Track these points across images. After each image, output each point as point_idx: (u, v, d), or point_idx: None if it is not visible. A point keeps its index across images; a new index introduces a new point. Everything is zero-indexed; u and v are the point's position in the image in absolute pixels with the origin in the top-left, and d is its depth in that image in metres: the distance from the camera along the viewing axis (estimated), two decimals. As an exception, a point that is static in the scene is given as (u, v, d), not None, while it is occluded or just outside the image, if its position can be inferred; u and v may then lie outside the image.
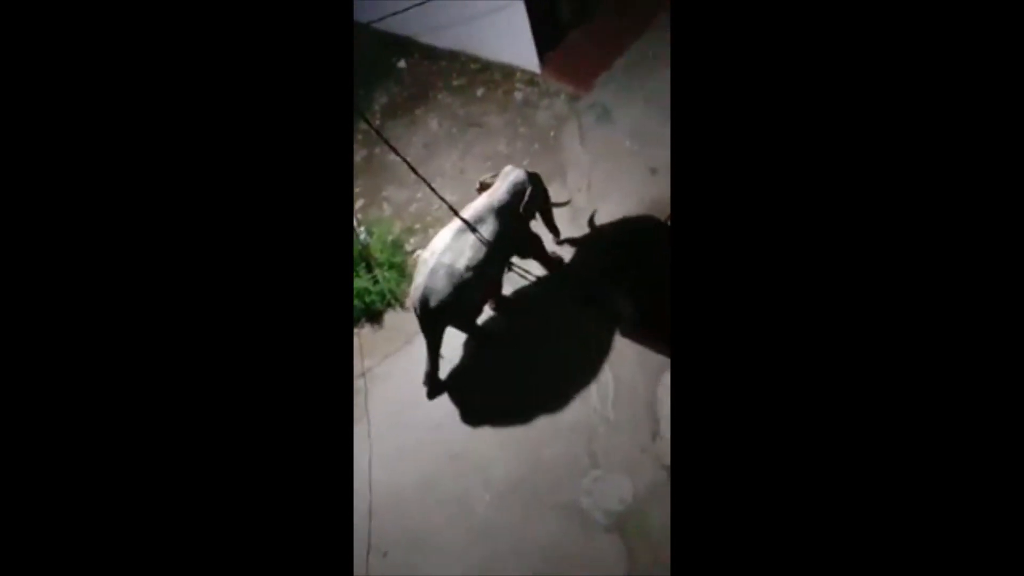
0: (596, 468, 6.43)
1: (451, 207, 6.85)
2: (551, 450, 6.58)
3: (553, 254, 7.41)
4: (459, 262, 6.65)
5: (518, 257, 7.22)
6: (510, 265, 7.23)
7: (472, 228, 6.68)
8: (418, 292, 6.71)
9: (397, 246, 7.97)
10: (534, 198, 7.01)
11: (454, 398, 7.05)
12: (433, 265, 6.67)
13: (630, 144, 8.18)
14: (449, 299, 6.67)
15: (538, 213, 7.22)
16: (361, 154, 8.93)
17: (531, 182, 7.01)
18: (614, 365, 6.84)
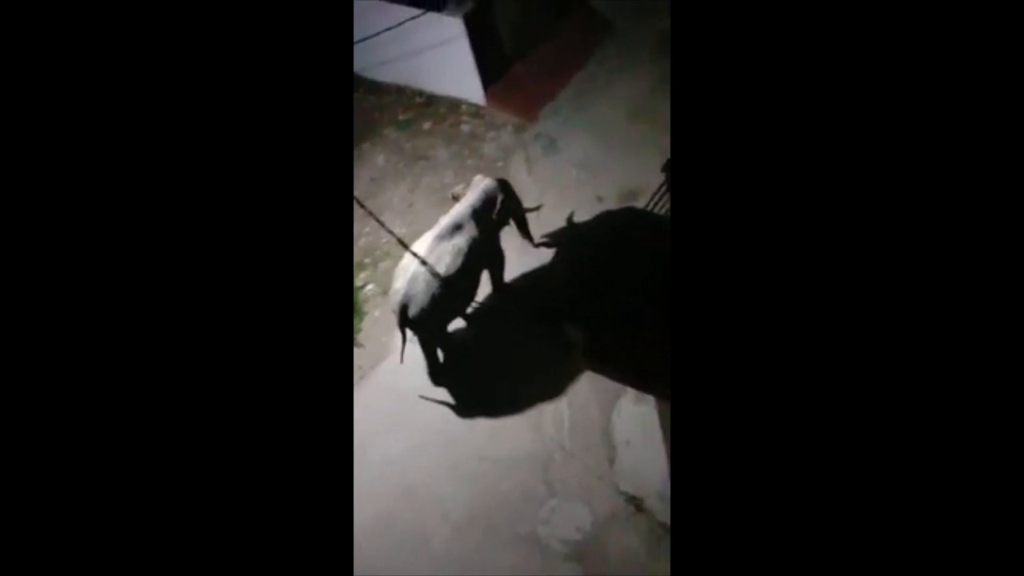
0: (553, 497, 6.40)
1: (400, 240, 6.86)
2: (507, 481, 6.54)
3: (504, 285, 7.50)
4: (439, 268, 6.75)
5: (487, 268, 7.29)
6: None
7: (419, 260, 6.71)
8: (397, 297, 6.79)
9: (347, 281, 7.92)
10: (506, 205, 7.17)
11: (406, 432, 6.98)
12: (414, 271, 6.75)
13: (577, 173, 8.28)
14: (428, 304, 6.75)
15: (512, 220, 7.35)
16: (308, 190, 8.88)
17: (502, 189, 7.19)
18: (568, 392, 6.84)
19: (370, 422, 6.93)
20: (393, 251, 7.66)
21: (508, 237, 7.48)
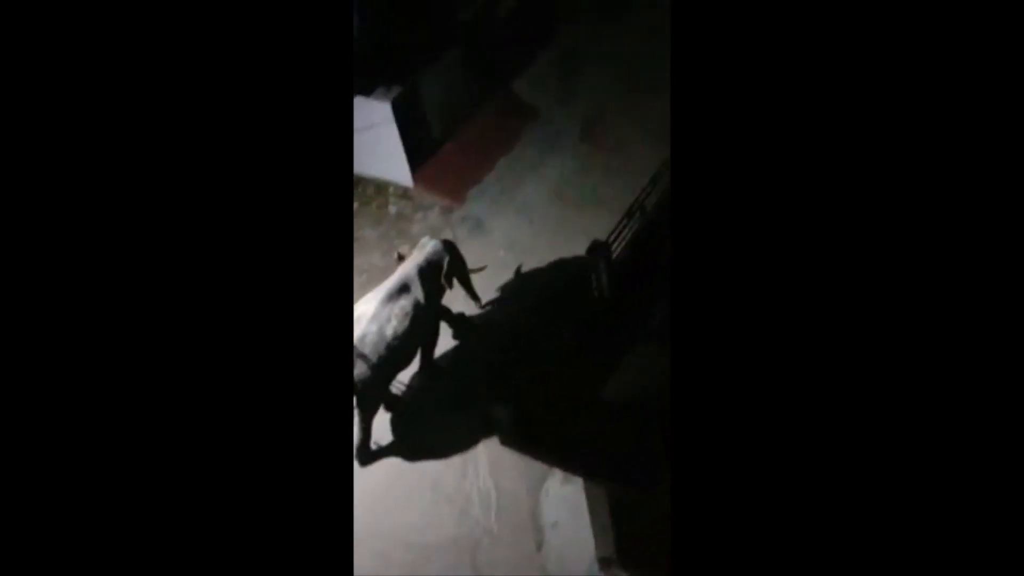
0: (481, 583, 6.25)
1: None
2: (435, 566, 6.37)
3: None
4: (386, 330, 6.74)
5: (425, 337, 7.24)
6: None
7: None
8: None
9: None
10: (452, 266, 7.25)
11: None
12: (361, 332, 6.68)
13: (504, 254, 8.38)
14: (377, 364, 6.69)
15: (456, 281, 7.39)
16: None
17: (448, 250, 7.28)
18: (495, 474, 6.76)
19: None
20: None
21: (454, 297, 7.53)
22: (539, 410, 5.47)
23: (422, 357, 7.38)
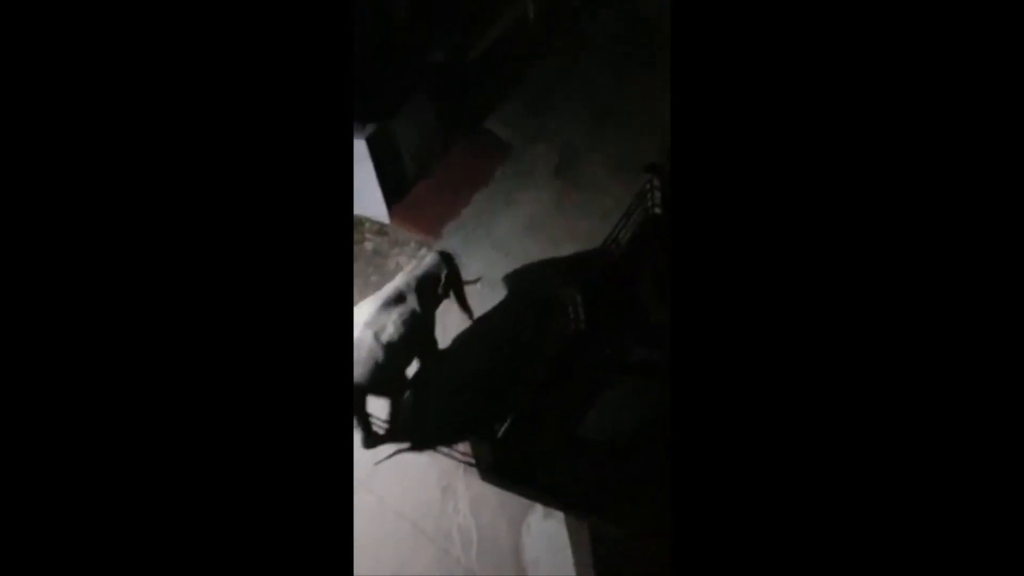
0: (463, 623, 6.19)
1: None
2: (416, 608, 6.30)
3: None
4: (382, 336, 6.84)
5: (422, 339, 7.32)
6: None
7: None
8: None
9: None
10: (449, 279, 7.38)
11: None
12: (357, 337, 6.79)
13: (480, 287, 8.40)
14: (373, 370, 6.81)
15: (452, 294, 7.51)
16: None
17: (445, 262, 7.40)
18: (475, 510, 6.72)
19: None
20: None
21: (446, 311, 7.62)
22: (518, 444, 5.47)
23: (420, 364, 7.46)
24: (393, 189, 9.13)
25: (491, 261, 8.62)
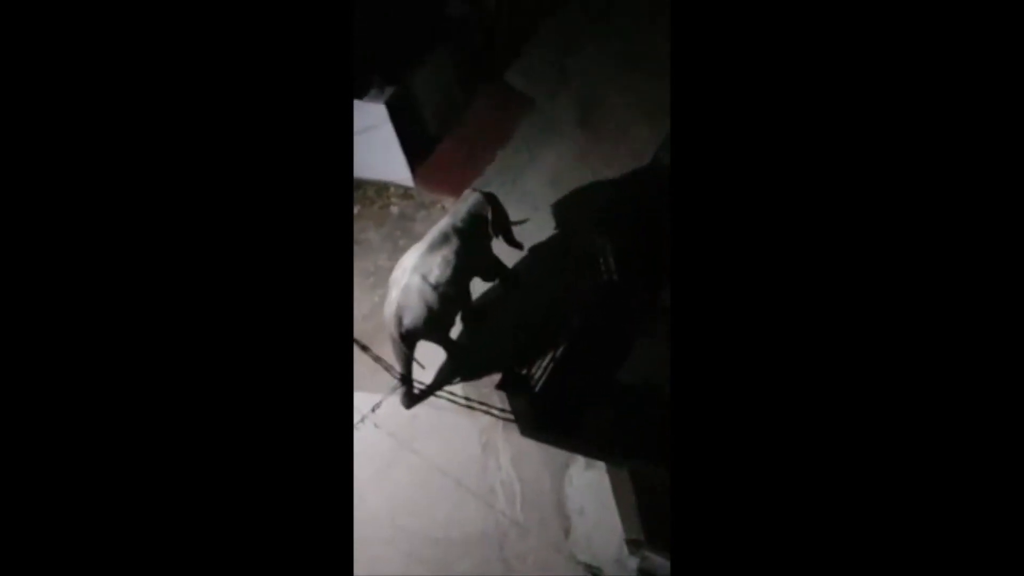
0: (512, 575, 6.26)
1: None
2: (465, 563, 6.38)
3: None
4: (429, 278, 6.95)
5: (482, 280, 7.55)
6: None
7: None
8: (391, 308, 6.93)
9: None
10: (495, 218, 7.44)
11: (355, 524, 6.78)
12: (406, 282, 6.91)
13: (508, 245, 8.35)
14: (422, 314, 6.92)
15: (500, 233, 7.59)
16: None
17: (490, 202, 7.45)
18: (517, 465, 6.77)
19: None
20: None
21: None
22: (555, 397, 5.48)
23: (500, 279, 7.69)
24: (416, 151, 9.07)
25: (519, 216, 8.54)
